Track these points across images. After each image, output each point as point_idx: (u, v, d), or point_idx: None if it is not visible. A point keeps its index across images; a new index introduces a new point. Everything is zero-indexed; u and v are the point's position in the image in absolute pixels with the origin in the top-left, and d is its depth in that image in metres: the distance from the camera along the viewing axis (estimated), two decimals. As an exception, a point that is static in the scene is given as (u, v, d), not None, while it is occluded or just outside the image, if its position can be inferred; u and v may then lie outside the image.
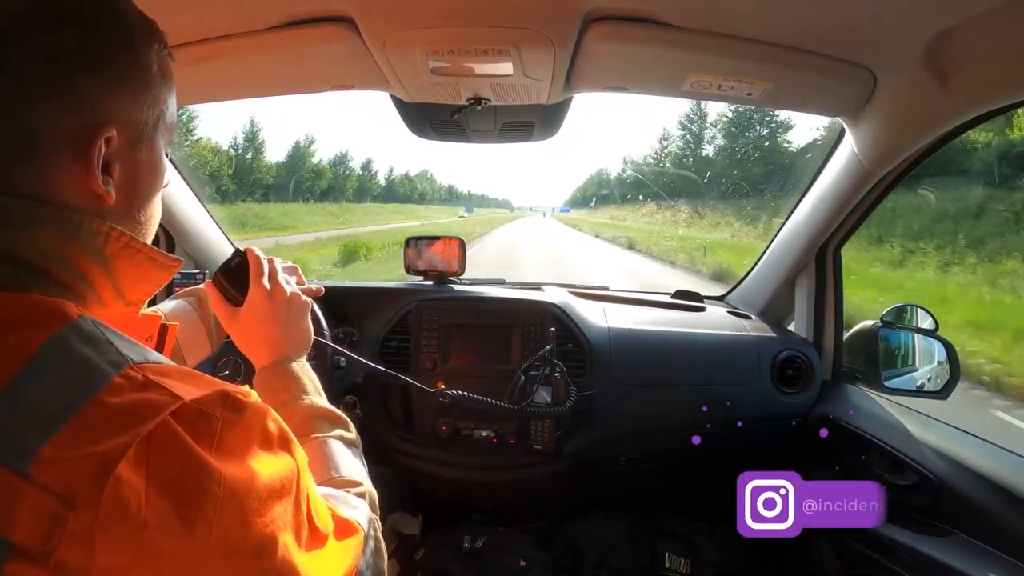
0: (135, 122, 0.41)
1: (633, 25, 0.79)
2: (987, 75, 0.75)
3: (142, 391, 0.33)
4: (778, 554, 1.36)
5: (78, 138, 0.38)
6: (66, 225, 0.38)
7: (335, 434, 0.59)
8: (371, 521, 0.49)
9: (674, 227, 22.79)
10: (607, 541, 1.38)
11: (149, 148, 0.43)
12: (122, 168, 0.40)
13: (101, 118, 0.38)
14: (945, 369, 1.11)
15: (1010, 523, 0.80)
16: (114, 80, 0.39)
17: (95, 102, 0.38)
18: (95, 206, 0.39)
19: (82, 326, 0.35)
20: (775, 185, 23.92)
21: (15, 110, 0.36)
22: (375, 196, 54.06)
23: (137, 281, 0.43)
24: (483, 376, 1.20)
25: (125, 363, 0.34)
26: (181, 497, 0.32)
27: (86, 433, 0.31)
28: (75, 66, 0.38)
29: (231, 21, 0.81)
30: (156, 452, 0.31)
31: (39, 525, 0.29)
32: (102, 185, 0.39)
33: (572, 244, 22.32)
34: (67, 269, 0.38)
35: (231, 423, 0.35)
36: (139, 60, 0.41)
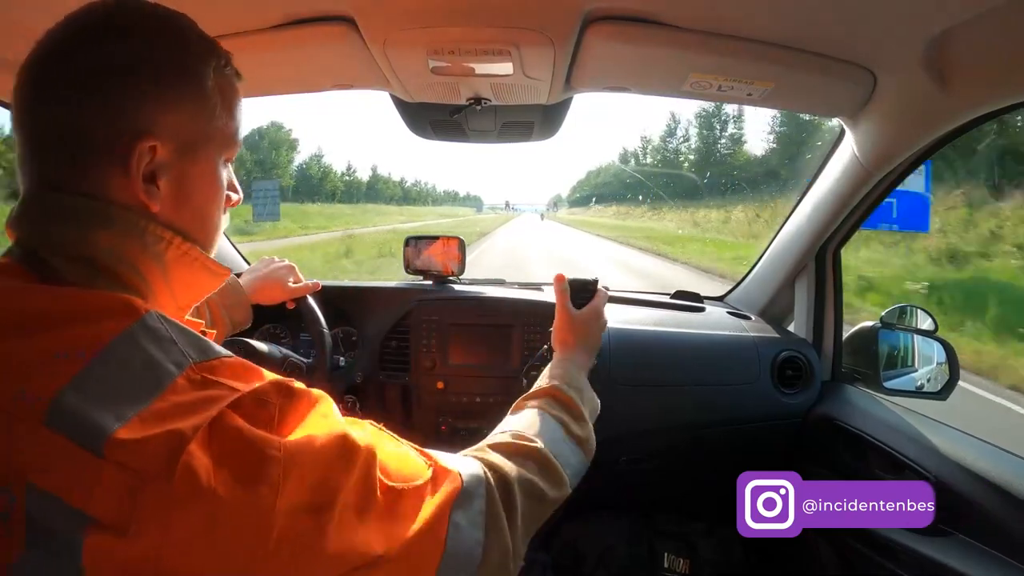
0: (186, 136, 0.42)
1: (633, 25, 0.79)
2: (987, 75, 0.75)
3: (202, 389, 0.36)
4: (778, 554, 1.36)
5: (120, 146, 0.40)
6: (133, 228, 0.40)
7: (554, 412, 0.65)
8: (481, 483, 0.48)
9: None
10: (607, 541, 1.38)
11: (201, 163, 0.44)
12: (170, 179, 0.42)
13: (143, 128, 0.40)
14: (944, 370, 1.11)
15: (1010, 524, 0.80)
16: (164, 94, 0.41)
17: (139, 112, 0.40)
18: (147, 211, 0.41)
19: (148, 322, 0.37)
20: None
21: (67, 113, 0.39)
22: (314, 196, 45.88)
23: (190, 287, 0.46)
24: (483, 376, 1.20)
25: (187, 364, 0.37)
26: (245, 467, 0.34)
27: (156, 420, 0.33)
28: (122, 77, 0.40)
29: (231, 21, 0.81)
30: (218, 435, 0.34)
31: (117, 499, 0.31)
32: (144, 194, 0.41)
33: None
34: (131, 269, 0.41)
35: (286, 407, 0.38)
36: (192, 75, 0.43)
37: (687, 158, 41.13)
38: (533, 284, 1.44)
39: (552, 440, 0.60)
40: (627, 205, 41.23)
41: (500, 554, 0.47)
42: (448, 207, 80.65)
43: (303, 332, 1.28)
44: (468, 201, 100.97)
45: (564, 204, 79.15)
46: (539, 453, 0.57)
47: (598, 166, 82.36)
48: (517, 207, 78.23)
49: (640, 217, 33.15)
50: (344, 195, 52.74)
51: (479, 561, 0.44)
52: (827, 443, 1.17)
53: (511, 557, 0.48)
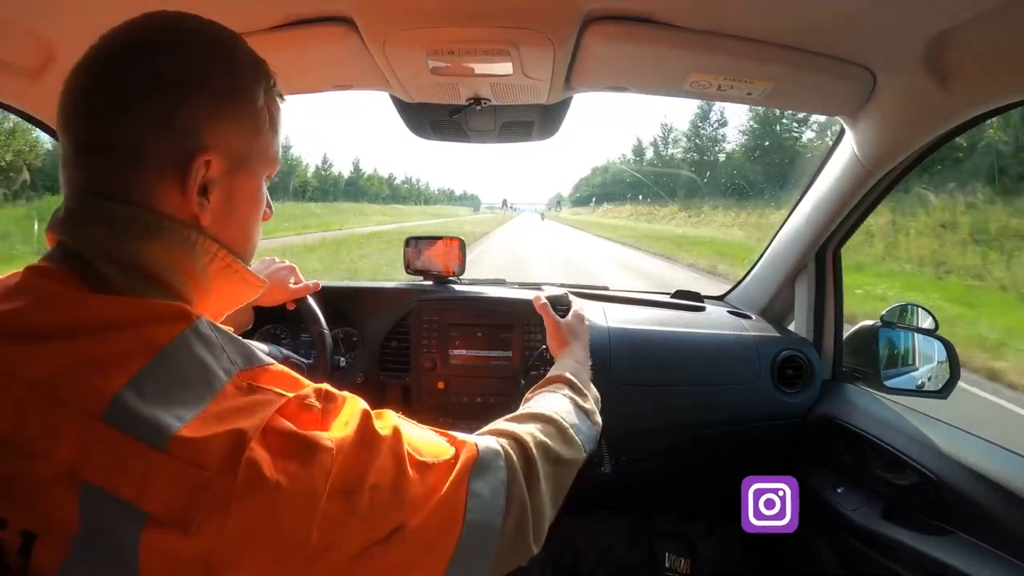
0: (236, 151, 0.44)
1: (633, 25, 0.79)
2: (987, 75, 0.75)
3: (250, 395, 0.38)
4: (778, 554, 1.36)
5: (178, 159, 0.41)
6: (183, 241, 0.42)
7: (564, 392, 0.70)
8: (499, 454, 0.50)
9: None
10: (606, 541, 1.38)
11: (248, 178, 0.46)
12: (220, 193, 0.44)
13: (202, 143, 0.42)
14: (945, 368, 1.11)
15: (1010, 523, 0.80)
16: (220, 109, 0.42)
17: (197, 127, 0.41)
18: (195, 223, 0.43)
19: (200, 328, 0.39)
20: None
21: (120, 124, 0.40)
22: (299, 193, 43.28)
23: (228, 297, 0.48)
24: (483, 376, 1.20)
25: (235, 370, 0.39)
26: (302, 458, 0.36)
27: (215, 421, 0.35)
28: (179, 90, 0.41)
29: (231, 21, 0.80)
30: (271, 435, 0.36)
31: (180, 495, 0.32)
32: (197, 206, 0.42)
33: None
34: (178, 279, 0.42)
35: (329, 410, 0.41)
36: (244, 93, 0.44)
37: (727, 148, 33.39)
38: (533, 284, 1.44)
39: (562, 409, 0.64)
40: (647, 204, 33.63)
41: (523, 517, 0.48)
42: (442, 206, 74.99)
43: (303, 333, 1.28)
44: (464, 200, 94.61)
45: (566, 203, 71.22)
46: (550, 418, 0.61)
47: (605, 161, 72.76)
48: (516, 207, 73.35)
49: (667, 219, 26.18)
50: (317, 192, 48.94)
51: (500, 528, 0.46)
52: (827, 443, 1.17)
53: (540, 517, 0.50)
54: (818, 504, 1.13)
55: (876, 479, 1.04)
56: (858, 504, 1.05)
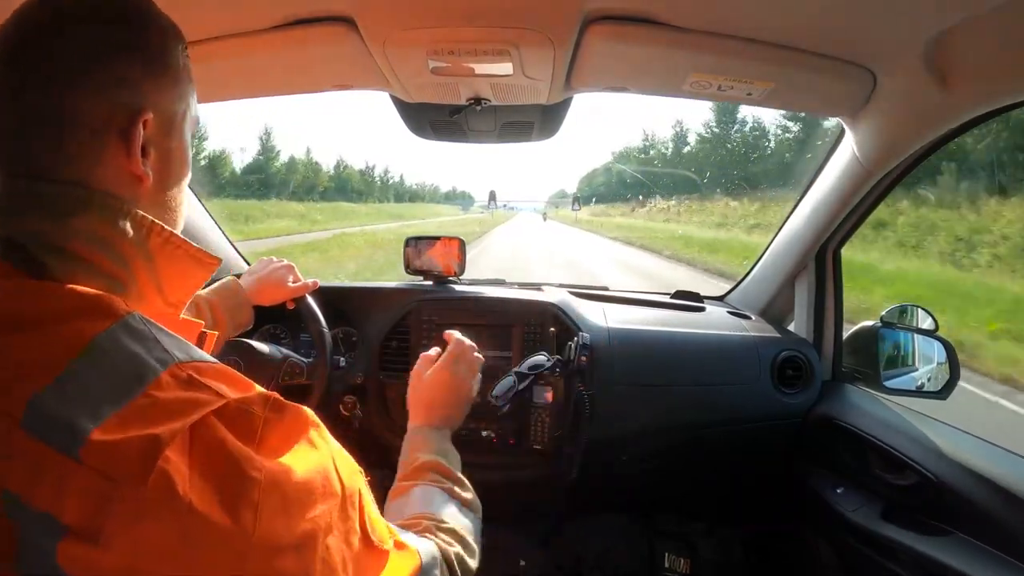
0: (168, 112, 0.44)
1: (633, 25, 0.79)
2: (987, 75, 0.75)
3: (187, 389, 0.35)
4: (778, 554, 1.36)
5: (121, 121, 0.40)
6: (114, 212, 0.39)
7: (444, 486, 0.64)
8: (439, 560, 0.50)
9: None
10: (607, 541, 1.38)
11: (178, 138, 0.45)
12: (157, 154, 0.43)
13: (141, 103, 0.41)
14: (945, 369, 1.12)
15: (1010, 523, 0.80)
16: (150, 70, 0.42)
17: (135, 88, 0.41)
18: (133, 194, 0.41)
19: (131, 323, 0.36)
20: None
21: (57, 96, 0.38)
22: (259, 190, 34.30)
23: (178, 278, 0.44)
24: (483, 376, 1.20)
25: (172, 361, 0.35)
26: (225, 483, 0.33)
27: (135, 420, 0.32)
28: (117, 53, 0.40)
29: (231, 21, 0.81)
30: (200, 442, 0.33)
31: (89, 504, 0.30)
32: (141, 167, 0.41)
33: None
34: (113, 256, 0.39)
35: (273, 422, 0.36)
36: (169, 56, 0.44)
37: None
38: (533, 284, 1.44)
39: (453, 515, 0.61)
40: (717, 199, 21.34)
41: None
42: (414, 205, 60.57)
43: (303, 332, 1.28)
44: (455, 198, 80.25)
45: (572, 202, 52.58)
46: (454, 531, 0.58)
47: (618, 151, 59.67)
48: (512, 205, 59.02)
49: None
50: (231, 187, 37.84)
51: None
52: (827, 443, 1.17)
53: None
54: (818, 504, 1.13)
55: (876, 479, 1.04)
56: (858, 504, 1.05)
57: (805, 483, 1.20)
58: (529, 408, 1.14)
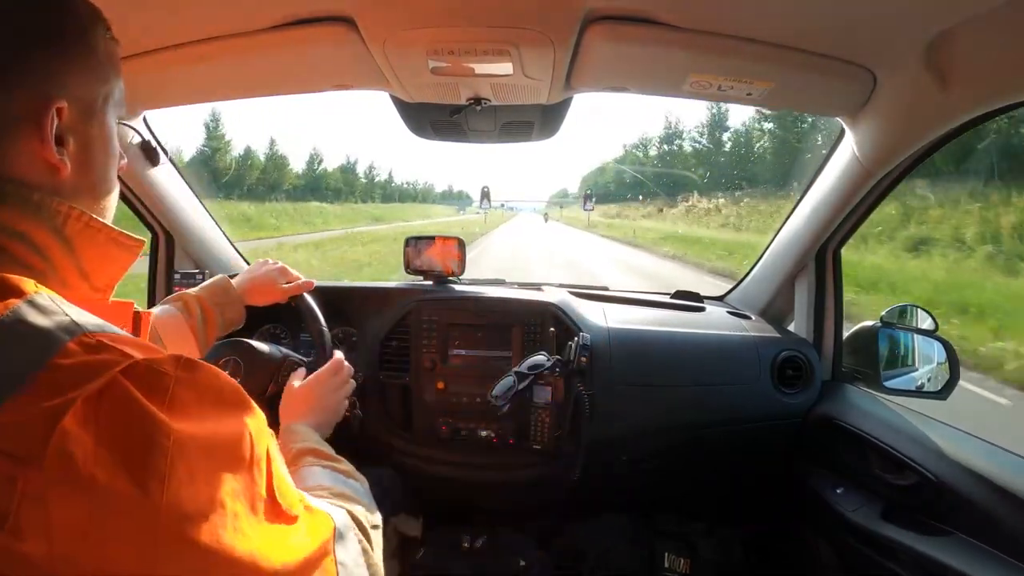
0: (86, 98, 0.43)
1: (633, 25, 0.79)
2: (987, 75, 0.75)
3: (95, 353, 0.33)
4: (778, 554, 1.36)
5: (32, 110, 0.39)
6: (26, 202, 0.39)
7: (323, 464, 0.65)
8: (350, 526, 0.50)
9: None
10: (607, 541, 1.38)
11: (100, 124, 0.44)
12: (75, 142, 0.42)
13: (52, 91, 0.40)
14: (944, 369, 1.12)
15: (1010, 523, 0.80)
16: (64, 57, 0.41)
17: (47, 76, 0.40)
18: (52, 182, 0.40)
19: (37, 300, 0.35)
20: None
21: None
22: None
23: (102, 262, 0.44)
24: (482, 376, 1.20)
25: (80, 331, 0.34)
26: (130, 452, 0.31)
27: (38, 395, 0.31)
28: (24, 44, 0.39)
29: (231, 21, 0.81)
30: (106, 408, 0.31)
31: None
32: (56, 156, 0.40)
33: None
34: (28, 246, 0.39)
35: (184, 381, 0.35)
36: (87, 41, 0.43)
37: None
38: (533, 284, 1.44)
39: (341, 481, 0.63)
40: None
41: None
42: (420, 205, 57.25)
43: (303, 332, 1.28)
44: (451, 198, 73.83)
45: (583, 200, 41.44)
46: (346, 495, 0.59)
47: (633, 143, 49.72)
48: (513, 205, 54.57)
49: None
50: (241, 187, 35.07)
51: None
52: (827, 443, 1.17)
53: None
54: (818, 504, 1.13)
55: (876, 479, 1.04)
56: (858, 504, 1.05)
57: (805, 483, 1.20)
58: (529, 408, 1.14)
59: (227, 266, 1.45)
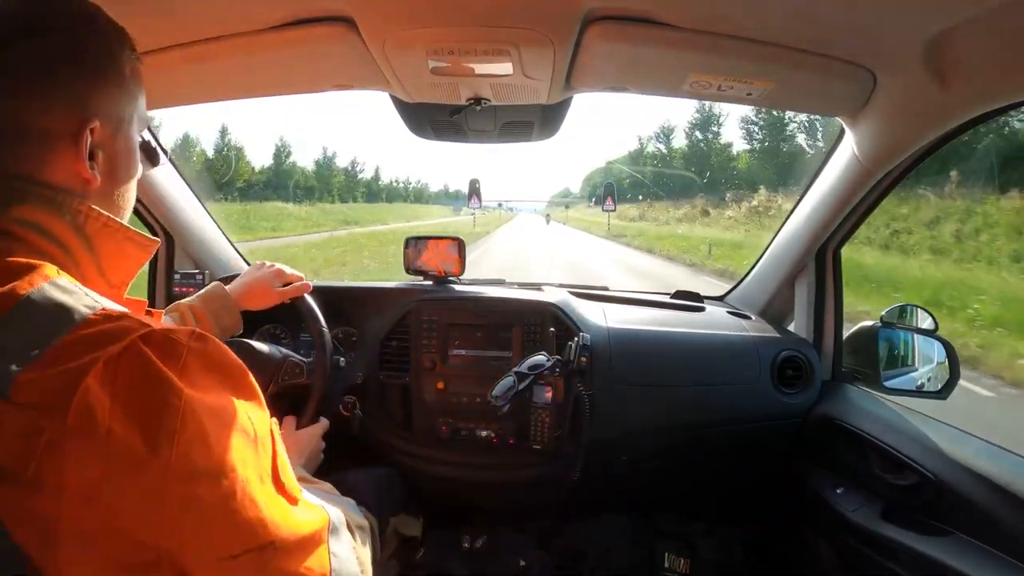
0: (115, 116, 0.47)
1: (633, 25, 0.79)
2: (987, 75, 0.75)
3: (115, 322, 0.37)
4: (778, 554, 1.36)
5: (69, 128, 0.43)
6: (51, 202, 0.42)
7: (307, 486, 0.67)
8: (343, 521, 0.53)
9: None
10: (607, 541, 1.38)
11: (126, 139, 0.49)
12: (104, 156, 0.46)
13: (87, 112, 0.44)
14: (944, 369, 1.11)
15: (1010, 523, 0.80)
16: (96, 79, 0.45)
17: (81, 98, 0.44)
18: (82, 189, 0.45)
19: (59, 281, 0.38)
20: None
21: (10, 107, 0.41)
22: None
23: (118, 259, 0.47)
24: (482, 376, 1.20)
25: (100, 307, 0.38)
26: (144, 412, 0.34)
27: (62, 357, 0.34)
28: (62, 67, 0.43)
29: (231, 21, 0.81)
30: (124, 370, 0.34)
31: (20, 442, 0.32)
32: (89, 170, 0.44)
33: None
34: (51, 241, 0.42)
35: (196, 351, 0.38)
36: (115, 62, 0.47)
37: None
38: (533, 284, 1.44)
39: (328, 497, 0.64)
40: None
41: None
42: (410, 205, 51.69)
43: (303, 332, 1.28)
44: (447, 198, 66.94)
45: (602, 196, 28.30)
46: (338, 502, 0.63)
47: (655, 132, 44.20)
48: (513, 205, 52.17)
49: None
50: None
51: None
52: (827, 443, 1.17)
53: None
54: (818, 504, 1.13)
55: (876, 479, 1.04)
56: (858, 504, 1.05)
57: (805, 483, 1.20)
58: (529, 408, 1.14)
59: (227, 266, 1.45)
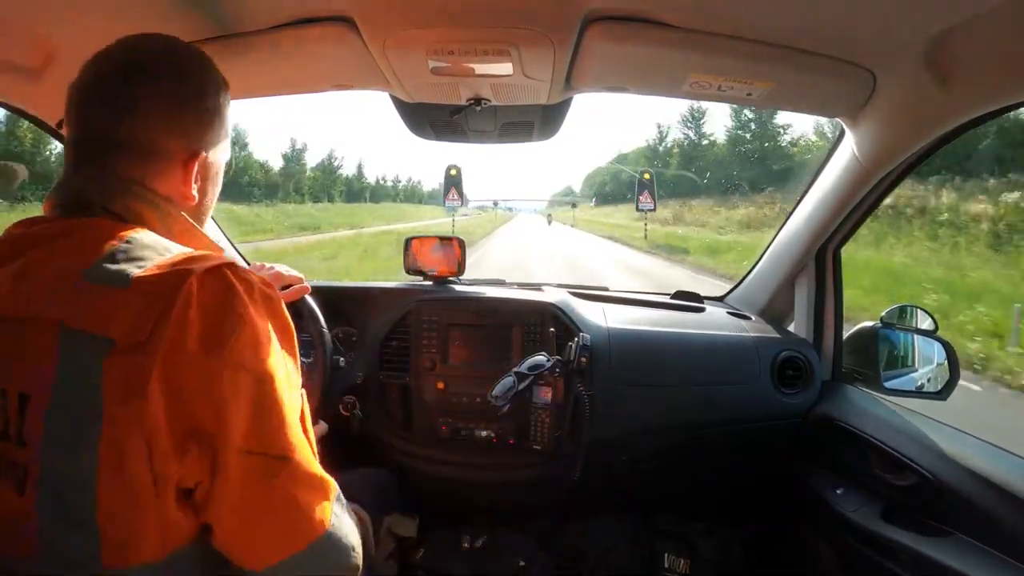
0: (214, 148, 0.59)
1: (633, 25, 0.79)
2: (987, 76, 0.75)
3: (207, 254, 0.50)
4: (778, 554, 1.36)
5: (182, 156, 0.55)
6: (154, 205, 0.54)
7: None
8: (343, 500, 0.58)
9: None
10: (607, 541, 1.38)
11: (217, 165, 0.61)
12: (202, 180, 0.58)
13: (198, 145, 0.57)
14: (944, 370, 1.11)
15: (1010, 523, 0.80)
16: (208, 118, 0.58)
17: (197, 134, 0.57)
18: (180, 202, 0.57)
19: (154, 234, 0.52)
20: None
21: (146, 126, 0.53)
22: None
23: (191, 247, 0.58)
24: (483, 376, 1.20)
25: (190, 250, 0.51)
26: (218, 311, 0.46)
27: (171, 265, 0.47)
28: (191, 105, 0.56)
29: (231, 21, 0.81)
30: (211, 281, 0.47)
31: (136, 318, 0.43)
32: (191, 191, 0.57)
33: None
34: (153, 226, 0.54)
35: (265, 294, 0.50)
36: (220, 104, 0.59)
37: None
38: (533, 284, 1.44)
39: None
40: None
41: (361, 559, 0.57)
42: (399, 205, 46.74)
43: (303, 332, 1.28)
44: (439, 198, 44.53)
45: (636, 188, 15.70)
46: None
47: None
48: (512, 205, 48.60)
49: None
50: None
51: (351, 553, 0.54)
52: (827, 443, 1.17)
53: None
54: (818, 504, 1.13)
55: (876, 480, 1.04)
56: (858, 504, 1.05)
57: (805, 483, 1.20)
58: (529, 408, 1.14)
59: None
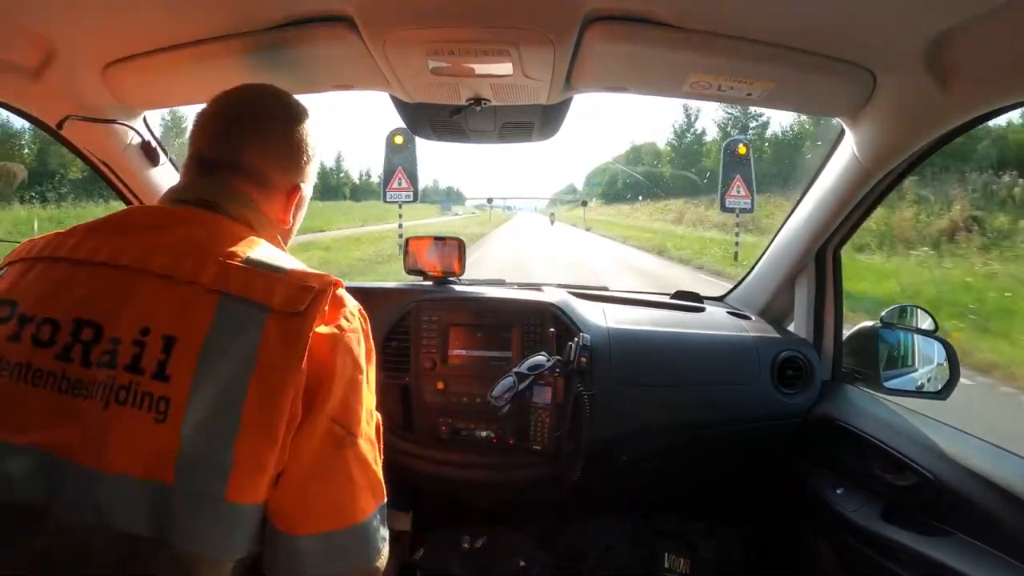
0: (308, 180, 0.70)
1: (633, 25, 0.79)
2: (987, 76, 0.75)
3: (322, 275, 0.58)
4: (778, 554, 1.36)
5: (286, 188, 0.67)
6: (264, 224, 0.65)
7: None
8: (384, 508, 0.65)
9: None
10: (607, 541, 1.38)
11: (307, 195, 0.71)
12: (295, 208, 0.69)
13: (299, 180, 0.68)
14: (944, 370, 1.12)
15: (1010, 523, 0.80)
16: (307, 158, 0.69)
17: (299, 171, 0.68)
18: (277, 224, 0.68)
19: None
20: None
21: (262, 168, 0.65)
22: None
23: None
24: (483, 376, 1.20)
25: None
26: (334, 316, 0.57)
27: (308, 269, 0.58)
28: (297, 146, 0.67)
29: (231, 21, 0.81)
30: (333, 295, 0.57)
31: (293, 294, 0.53)
32: (289, 218, 0.69)
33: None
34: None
35: (365, 315, 0.62)
36: (316, 146, 0.70)
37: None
38: (533, 284, 1.44)
39: None
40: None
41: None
42: (378, 202, 28.28)
43: None
44: (437, 196, 50.16)
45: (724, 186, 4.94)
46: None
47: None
48: (511, 204, 45.71)
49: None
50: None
51: (377, 556, 0.59)
52: (827, 443, 1.17)
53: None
54: (818, 504, 1.13)
55: (876, 480, 1.04)
56: (858, 504, 1.05)
57: (805, 483, 1.20)
58: (529, 408, 1.14)
59: None
